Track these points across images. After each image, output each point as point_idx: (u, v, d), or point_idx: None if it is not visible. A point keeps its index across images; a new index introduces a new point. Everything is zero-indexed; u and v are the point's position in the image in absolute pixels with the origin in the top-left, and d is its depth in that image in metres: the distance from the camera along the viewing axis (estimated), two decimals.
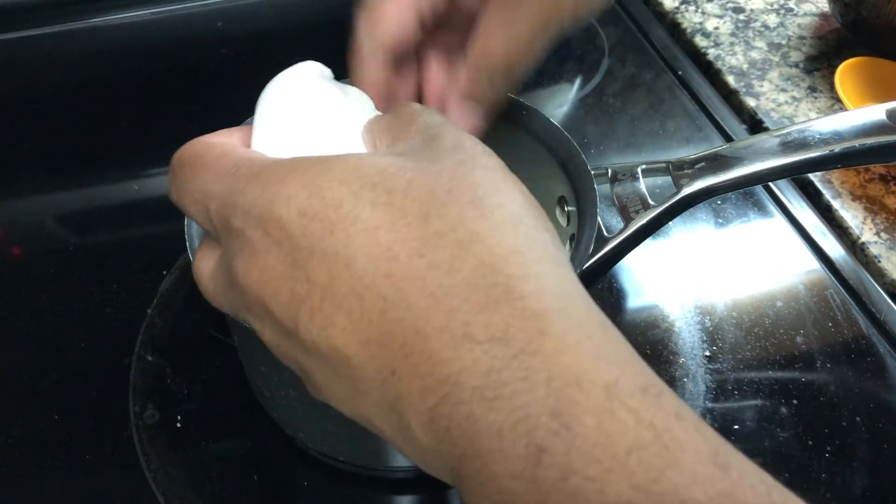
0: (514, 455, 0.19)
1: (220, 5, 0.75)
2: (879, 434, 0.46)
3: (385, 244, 0.22)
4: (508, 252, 0.22)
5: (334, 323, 0.22)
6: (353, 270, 0.22)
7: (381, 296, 0.22)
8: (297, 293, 0.23)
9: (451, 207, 0.22)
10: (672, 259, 0.56)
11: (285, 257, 0.23)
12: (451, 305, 0.21)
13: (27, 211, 0.59)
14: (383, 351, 0.22)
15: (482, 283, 0.21)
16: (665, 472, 0.18)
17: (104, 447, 0.45)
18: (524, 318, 0.20)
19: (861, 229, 0.57)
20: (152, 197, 0.59)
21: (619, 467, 0.18)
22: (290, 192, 0.23)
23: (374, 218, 0.22)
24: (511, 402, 0.19)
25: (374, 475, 0.44)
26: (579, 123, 0.66)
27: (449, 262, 0.22)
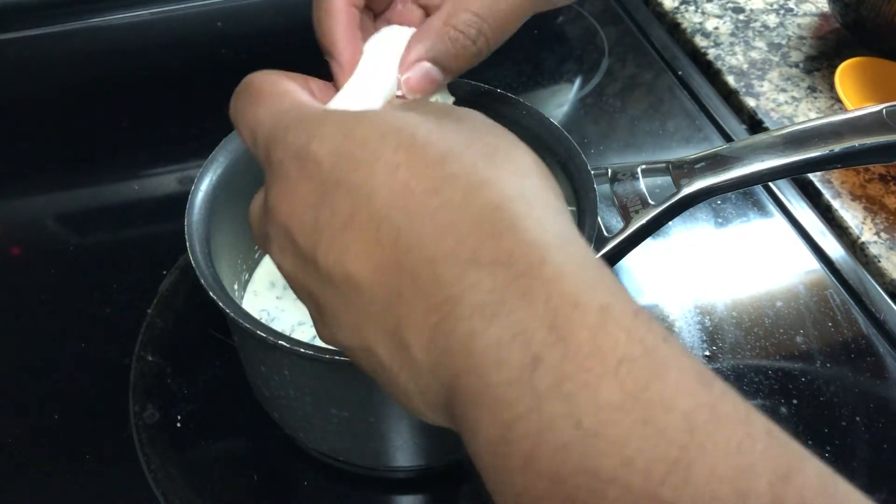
0: (511, 364, 0.20)
1: (220, 5, 0.75)
2: (879, 434, 0.46)
3: (403, 181, 0.24)
4: (516, 196, 0.24)
5: (350, 250, 0.24)
6: (373, 203, 0.24)
7: (396, 226, 0.23)
8: (320, 222, 0.25)
9: (467, 156, 0.25)
10: (672, 259, 0.56)
11: (315, 189, 0.25)
12: (460, 235, 0.23)
13: (27, 211, 0.59)
14: (392, 276, 0.23)
15: (490, 218, 0.23)
16: (652, 382, 0.20)
17: (104, 447, 0.45)
18: (527, 247, 0.22)
19: (861, 229, 0.57)
20: (152, 197, 0.59)
21: (611, 376, 0.20)
22: (325, 133, 0.26)
23: (395, 158, 0.24)
24: (510, 317, 0.21)
25: (374, 475, 0.44)
26: (579, 123, 0.66)
27: (461, 200, 0.23)
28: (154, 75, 0.70)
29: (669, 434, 0.19)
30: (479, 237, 0.23)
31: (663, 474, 0.19)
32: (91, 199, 0.60)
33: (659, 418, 0.19)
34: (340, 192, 0.25)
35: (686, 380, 0.20)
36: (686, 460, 0.19)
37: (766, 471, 0.19)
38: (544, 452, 0.20)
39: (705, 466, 0.19)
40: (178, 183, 0.60)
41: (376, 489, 0.45)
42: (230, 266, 0.45)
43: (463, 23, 0.32)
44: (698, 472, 0.19)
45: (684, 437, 0.19)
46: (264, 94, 0.29)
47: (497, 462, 0.21)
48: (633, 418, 0.19)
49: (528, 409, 0.20)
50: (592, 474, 0.19)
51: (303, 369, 0.37)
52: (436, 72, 0.33)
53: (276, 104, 0.29)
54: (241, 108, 0.30)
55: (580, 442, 0.19)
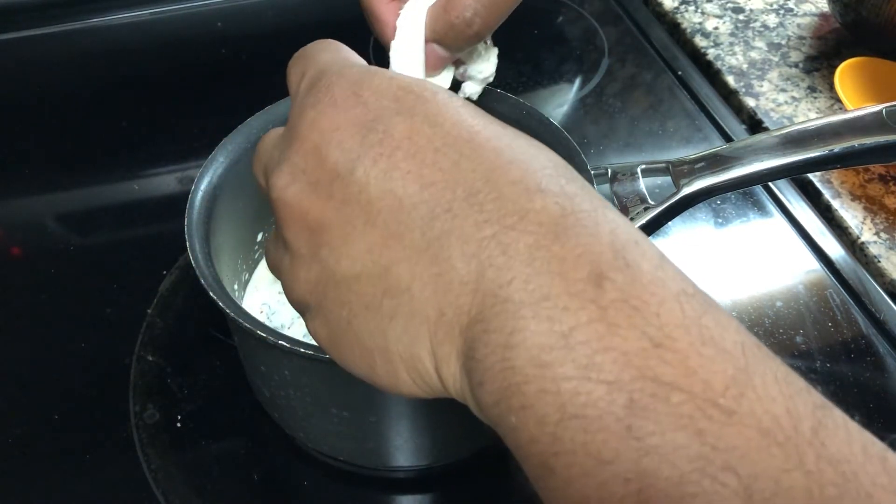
0: (576, 277, 0.21)
1: (220, 5, 0.75)
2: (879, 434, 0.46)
3: (470, 123, 0.24)
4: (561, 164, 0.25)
5: (399, 167, 0.24)
6: (436, 130, 0.24)
7: (458, 151, 0.24)
8: (367, 140, 0.24)
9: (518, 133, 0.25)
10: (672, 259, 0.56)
11: (368, 113, 0.25)
12: (527, 168, 0.23)
13: (27, 211, 0.59)
14: (444, 192, 0.23)
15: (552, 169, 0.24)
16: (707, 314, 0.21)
17: (104, 447, 0.45)
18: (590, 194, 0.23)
19: (861, 229, 0.57)
20: (152, 197, 0.59)
21: (672, 301, 0.21)
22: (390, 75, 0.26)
23: (464, 109, 0.25)
24: (577, 238, 0.21)
25: (374, 475, 0.44)
26: (579, 123, 0.66)
27: (524, 149, 0.24)
28: (154, 75, 0.70)
29: (726, 355, 0.20)
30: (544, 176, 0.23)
31: (723, 387, 0.19)
32: (91, 199, 0.60)
33: (717, 342, 0.20)
34: (400, 117, 0.24)
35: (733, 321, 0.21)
36: (742, 379, 0.19)
37: (809, 399, 0.20)
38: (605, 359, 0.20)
39: (760, 386, 0.19)
40: (178, 183, 0.60)
41: (376, 489, 0.45)
42: (230, 266, 0.45)
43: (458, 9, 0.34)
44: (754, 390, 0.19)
45: (740, 360, 0.20)
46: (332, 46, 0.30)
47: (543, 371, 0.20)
48: (694, 337, 0.20)
49: (590, 318, 0.20)
50: (654, 379, 0.19)
51: (303, 369, 0.37)
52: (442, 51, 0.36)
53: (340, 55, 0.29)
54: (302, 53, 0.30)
55: (644, 351, 0.20)
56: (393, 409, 0.38)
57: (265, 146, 0.29)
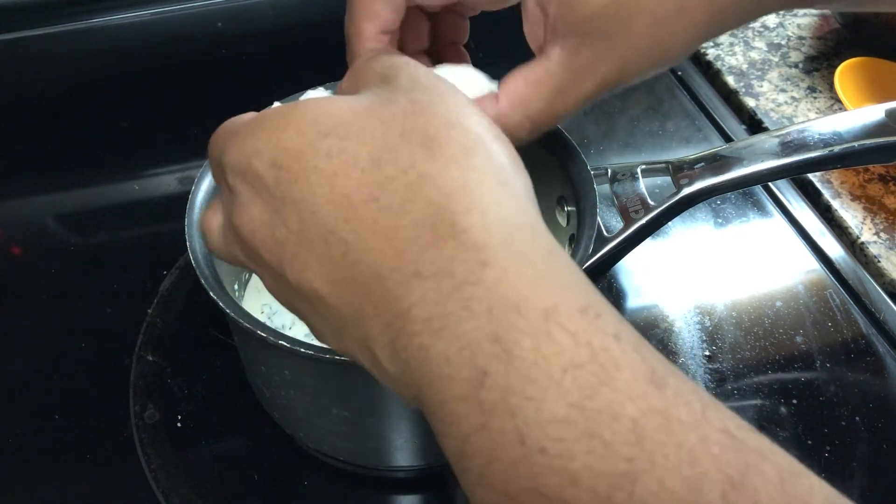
0: (460, 379, 0.20)
1: (220, 5, 0.75)
2: (879, 434, 0.46)
3: (342, 191, 0.23)
4: (456, 188, 0.23)
5: (309, 266, 0.24)
6: (318, 217, 0.24)
7: (342, 240, 0.23)
8: (278, 239, 0.25)
9: (403, 151, 0.24)
10: (672, 259, 0.56)
11: (265, 206, 0.25)
12: (401, 246, 0.22)
13: (27, 211, 0.59)
14: (349, 291, 0.23)
15: (429, 223, 0.22)
16: (600, 390, 0.19)
17: (104, 447, 0.45)
18: (466, 251, 0.22)
19: (860, 229, 0.57)
20: (152, 197, 0.59)
21: (555, 386, 0.19)
22: (259, 146, 0.25)
23: (329, 166, 0.24)
24: (455, 329, 0.21)
25: (374, 475, 0.44)
26: (579, 123, 0.66)
27: (399, 205, 0.23)
28: (154, 75, 0.70)
29: (616, 446, 0.18)
30: (419, 247, 0.22)
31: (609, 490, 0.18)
32: (91, 199, 0.60)
33: (605, 429, 0.19)
34: (288, 207, 0.24)
35: (637, 382, 0.19)
36: (633, 474, 0.18)
37: (719, 479, 0.18)
38: (496, 469, 0.20)
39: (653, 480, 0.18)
40: (178, 183, 0.60)
41: (376, 489, 0.45)
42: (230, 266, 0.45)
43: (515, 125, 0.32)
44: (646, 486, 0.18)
45: (632, 448, 0.18)
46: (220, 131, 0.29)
47: (461, 476, 0.21)
48: (579, 431, 0.19)
49: (479, 425, 0.20)
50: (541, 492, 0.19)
51: (303, 369, 0.37)
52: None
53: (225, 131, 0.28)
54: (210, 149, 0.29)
55: (527, 459, 0.19)
56: (393, 409, 0.38)
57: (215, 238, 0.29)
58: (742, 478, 0.18)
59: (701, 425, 0.19)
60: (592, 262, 0.40)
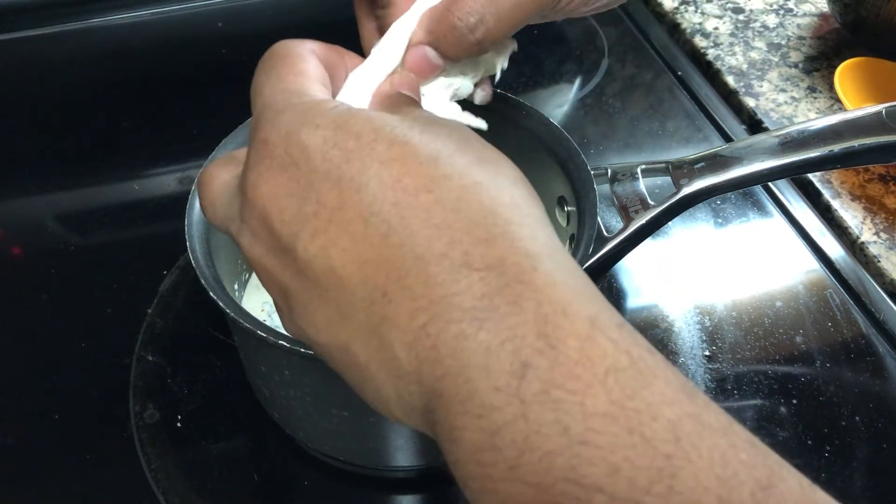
0: (500, 370, 0.20)
1: (220, 5, 0.75)
2: (879, 434, 0.46)
3: (396, 175, 0.24)
4: (509, 203, 0.24)
5: (335, 244, 0.23)
6: (363, 196, 0.23)
7: (385, 221, 0.23)
8: (304, 212, 0.24)
9: (459, 160, 0.24)
10: (672, 259, 0.56)
11: (300, 178, 0.24)
12: (453, 237, 0.23)
13: (27, 211, 0.59)
14: (378, 273, 0.23)
15: (483, 222, 0.23)
16: (639, 392, 0.20)
17: (104, 447, 0.45)
18: (519, 255, 0.22)
19: (860, 229, 0.57)
20: (152, 197, 0.59)
21: (599, 384, 0.20)
22: (318, 122, 0.25)
23: (389, 152, 0.24)
24: (501, 322, 0.21)
25: (374, 475, 0.44)
26: (579, 123, 0.66)
27: (454, 202, 0.23)
28: (154, 75, 0.70)
29: (655, 443, 0.19)
30: (472, 240, 0.22)
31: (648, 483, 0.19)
32: (91, 199, 0.60)
33: (645, 427, 0.19)
34: (329, 183, 0.24)
35: (671, 390, 0.20)
36: (671, 469, 0.19)
37: (749, 480, 0.19)
38: (530, 460, 0.20)
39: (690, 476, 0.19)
40: (178, 183, 0.60)
41: (376, 489, 0.45)
42: (230, 266, 0.45)
43: (464, 12, 0.32)
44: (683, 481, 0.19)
45: (669, 446, 0.19)
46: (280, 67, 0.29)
47: (481, 470, 0.21)
48: (620, 427, 0.19)
49: (514, 415, 0.20)
50: (578, 482, 0.19)
51: (303, 369, 0.37)
52: (434, 56, 0.33)
53: (284, 81, 0.28)
54: (258, 71, 0.29)
55: (567, 449, 0.19)
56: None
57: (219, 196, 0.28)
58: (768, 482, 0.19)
59: (729, 433, 0.20)
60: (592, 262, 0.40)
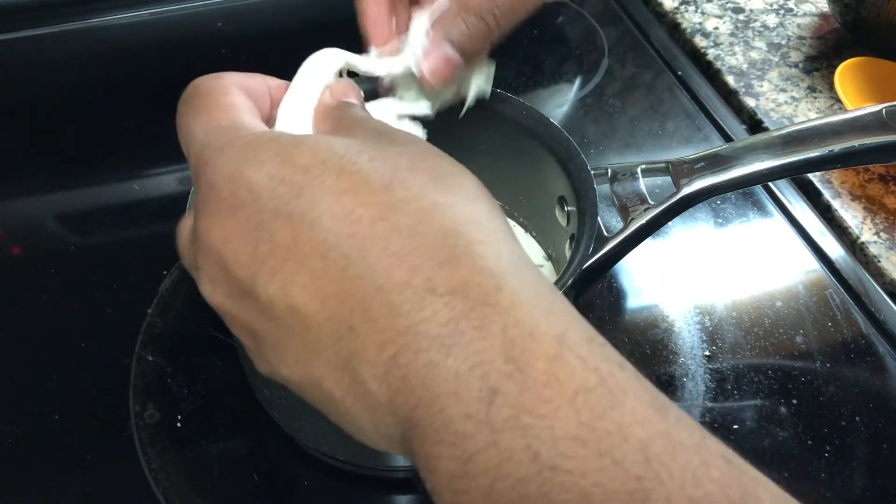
0: (469, 397, 0.20)
1: (220, 5, 0.75)
2: (879, 434, 0.46)
3: (349, 207, 0.23)
4: (469, 221, 0.23)
5: (295, 281, 0.23)
6: (317, 231, 0.23)
7: (343, 255, 0.23)
8: (258, 254, 0.24)
9: (414, 181, 0.24)
10: (672, 259, 0.56)
11: (250, 218, 0.24)
12: (414, 263, 0.22)
13: (27, 211, 0.59)
14: (342, 308, 0.22)
15: (445, 244, 0.22)
16: (608, 412, 0.20)
17: (104, 447, 0.45)
18: (483, 275, 0.22)
19: (860, 229, 0.57)
20: (152, 197, 0.59)
21: (568, 405, 0.20)
22: (261, 158, 0.24)
23: (339, 184, 0.23)
24: (468, 348, 0.21)
25: (374, 475, 0.44)
26: (579, 123, 0.66)
27: (412, 227, 0.23)
28: (154, 75, 0.70)
29: (626, 465, 0.19)
30: (433, 265, 0.22)
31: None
32: (91, 199, 0.60)
33: (616, 449, 0.19)
34: (280, 221, 0.23)
35: (641, 407, 0.20)
36: (642, 493, 0.19)
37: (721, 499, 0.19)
38: (502, 487, 0.19)
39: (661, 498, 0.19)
40: (178, 183, 0.60)
41: (376, 489, 0.45)
42: None
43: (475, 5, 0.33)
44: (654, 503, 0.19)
45: (640, 467, 0.19)
46: (206, 105, 0.28)
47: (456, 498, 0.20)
48: (590, 450, 0.19)
49: (486, 443, 0.20)
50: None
51: None
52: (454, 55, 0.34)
53: (215, 119, 0.27)
54: (182, 113, 0.28)
55: (538, 475, 0.19)
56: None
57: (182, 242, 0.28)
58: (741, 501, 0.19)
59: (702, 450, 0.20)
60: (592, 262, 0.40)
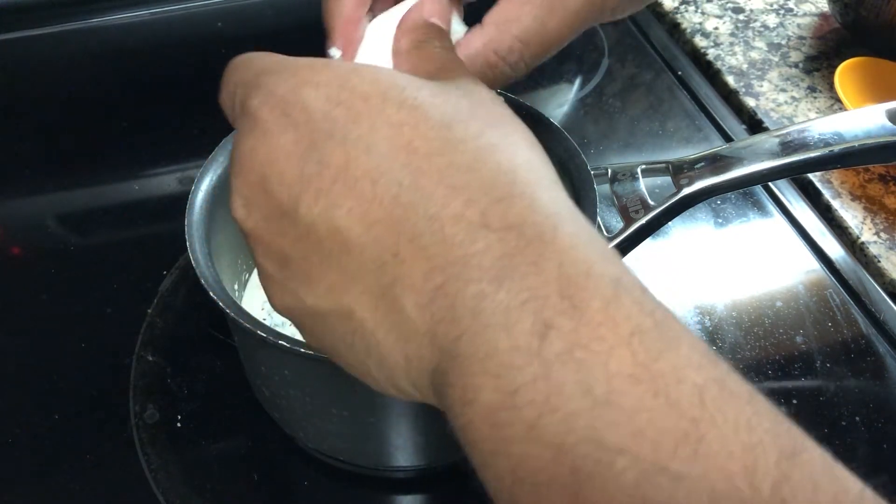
0: (521, 330, 0.20)
1: (220, 5, 0.75)
2: (879, 434, 0.46)
3: (407, 138, 0.23)
4: (526, 164, 0.23)
5: (341, 204, 0.23)
6: (371, 156, 0.23)
7: (396, 181, 0.22)
8: (306, 173, 0.23)
9: (473, 122, 0.24)
10: (672, 259, 0.56)
11: (301, 139, 0.23)
12: (470, 197, 0.22)
13: (27, 211, 0.59)
14: (389, 233, 0.22)
15: (501, 181, 0.22)
16: (664, 354, 0.19)
17: (104, 447, 0.45)
18: (540, 215, 0.22)
19: (860, 229, 0.57)
20: (152, 197, 0.59)
21: (623, 345, 0.19)
22: (320, 80, 0.24)
23: (399, 115, 0.23)
24: (522, 282, 0.20)
25: (374, 475, 0.44)
26: (579, 123, 0.66)
27: (469, 163, 0.22)
28: (154, 75, 0.70)
29: (681, 406, 0.19)
30: (489, 201, 0.22)
31: (674, 446, 0.18)
32: (91, 199, 0.60)
33: (671, 390, 0.19)
34: (333, 143, 0.23)
35: (696, 354, 0.20)
36: (697, 434, 0.18)
37: (774, 448, 0.18)
38: (551, 420, 0.19)
39: (715, 440, 0.18)
40: (178, 183, 0.60)
41: (376, 489, 0.45)
42: (230, 266, 0.45)
43: (506, 49, 0.30)
44: (709, 446, 0.18)
45: (695, 410, 0.19)
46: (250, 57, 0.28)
47: (496, 431, 0.20)
48: (645, 388, 0.19)
49: (535, 375, 0.19)
50: (600, 443, 0.18)
51: (303, 369, 0.37)
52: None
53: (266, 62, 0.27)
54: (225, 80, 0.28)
55: (589, 410, 0.19)
56: (393, 409, 0.38)
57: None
58: (792, 451, 0.19)
59: (753, 402, 0.19)
60: None
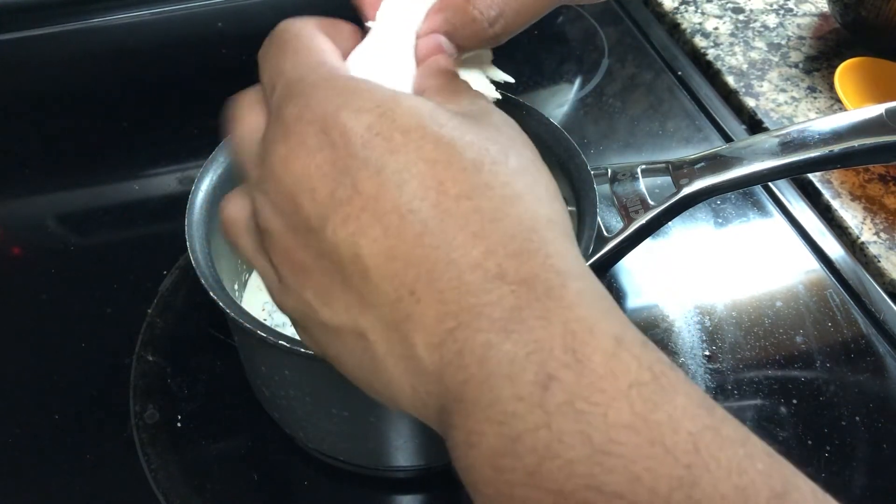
0: (524, 380, 0.21)
1: (220, 5, 0.75)
2: (879, 434, 0.46)
3: (439, 178, 0.23)
4: (546, 219, 0.24)
5: (367, 233, 0.23)
6: (403, 192, 0.23)
7: (422, 221, 0.23)
8: (337, 196, 0.24)
9: (502, 168, 0.25)
10: (672, 259, 0.56)
11: (336, 160, 0.24)
12: (489, 247, 0.23)
13: (27, 211, 0.59)
14: (407, 271, 0.23)
15: (520, 236, 0.23)
16: (661, 405, 0.20)
17: (104, 447, 0.45)
18: (551, 272, 0.23)
19: (860, 229, 0.57)
20: (152, 197, 0.59)
21: (622, 397, 0.20)
22: (362, 105, 0.24)
23: (435, 152, 0.24)
24: (528, 335, 0.21)
25: (374, 475, 0.44)
26: (579, 123, 0.66)
27: (493, 212, 0.23)
28: (154, 75, 0.70)
29: (676, 453, 0.20)
30: (507, 253, 0.23)
31: (668, 490, 0.19)
32: (91, 199, 0.60)
33: (667, 438, 0.20)
34: (367, 171, 0.23)
35: (692, 404, 0.21)
36: (691, 478, 0.19)
37: (765, 488, 0.20)
38: (550, 467, 0.20)
39: (708, 484, 0.19)
40: (178, 183, 0.60)
41: (376, 489, 0.45)
42: (230, 266, 0.45)
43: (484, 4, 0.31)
44: (702, 489, 0.19)
45: (689, 456, 0.20)
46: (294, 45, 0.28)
47: (498, 475, 0.21)
48: (642, 437, 0.20)
49: (537, 424, 0.20)
50: (598, 489, 0.19)
51: (303, 369, 0.37)
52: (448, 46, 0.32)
53: (305, 58, 0.27)
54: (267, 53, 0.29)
55: (588, 458, 0.20)
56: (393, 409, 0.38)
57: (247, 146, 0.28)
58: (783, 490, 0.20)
59: (747, 444, 0.20)
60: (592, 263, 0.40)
